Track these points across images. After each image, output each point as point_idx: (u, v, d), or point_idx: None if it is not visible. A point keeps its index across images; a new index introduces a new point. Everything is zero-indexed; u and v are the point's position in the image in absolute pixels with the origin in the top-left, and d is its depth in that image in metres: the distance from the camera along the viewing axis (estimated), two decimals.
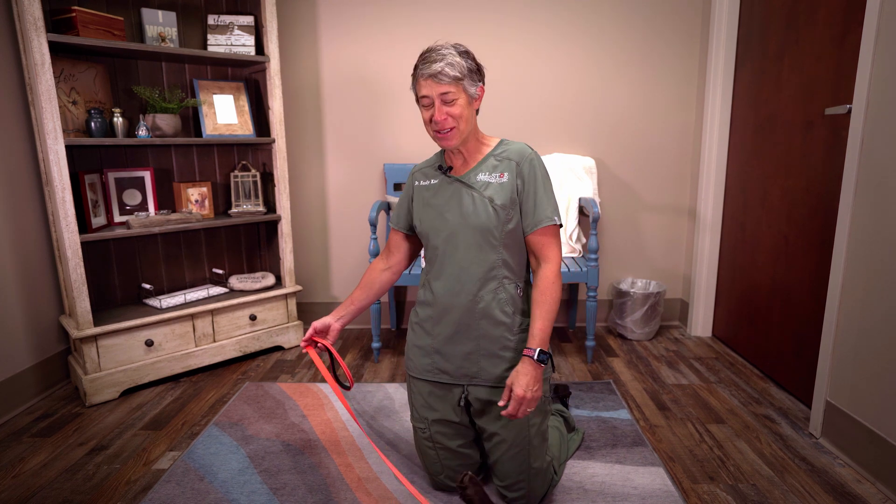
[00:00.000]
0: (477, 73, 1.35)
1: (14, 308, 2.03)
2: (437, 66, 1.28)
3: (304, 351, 1.50)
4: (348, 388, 1.57)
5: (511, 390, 1.28)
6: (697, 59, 2.67)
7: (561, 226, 1.41)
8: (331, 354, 1.53)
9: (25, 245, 2.09)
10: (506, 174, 1.38)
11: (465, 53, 1.33)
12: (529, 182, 1.37)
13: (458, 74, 1.29)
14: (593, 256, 2.28)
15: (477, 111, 1.41)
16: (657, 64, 2.68)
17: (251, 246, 2.75)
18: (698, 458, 1.67)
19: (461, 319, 1.39)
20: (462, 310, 1.39)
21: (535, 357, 1.29)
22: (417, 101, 1.37)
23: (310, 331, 1.49)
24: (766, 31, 2.22)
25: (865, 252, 1.58)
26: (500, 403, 1.30)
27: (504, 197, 1.36)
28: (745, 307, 2.41)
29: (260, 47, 2.43)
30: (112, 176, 2.24)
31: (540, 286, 1.35)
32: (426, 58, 1.31)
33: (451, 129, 1.33)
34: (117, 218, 2.27)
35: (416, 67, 1.34)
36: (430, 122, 1.34)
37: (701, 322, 2.72)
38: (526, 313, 1.42)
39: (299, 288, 2.59)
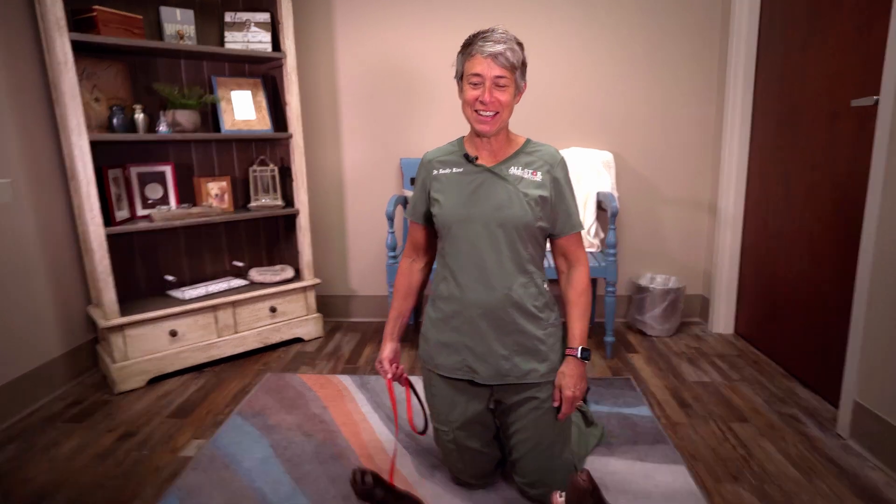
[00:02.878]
0: (525, 68, 1.33)
1: (44, 298, 2.08)
2: (499, 47, 1.24)
3: (387, 383, 1.53)
4: (422, 433, 1.59)
5: (561, 392, 1.36)
6: (717, 50, 2.62)
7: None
8: (413, 392, 1.55)
9: (53, 238, 2.13)
10: (539, 174, 1.35)
11: (521, 45, 1.30)
12: (563, 188, 1.37)
13: (515, 62, 1.27)
14: (612, 251, 2.26)
15: None
16: (676, 56, 2.63)
17: (270, 239, 2.77)
18: (721, 457, 1.66)
19: (495, 314, 1.35)
20: (495, 304, 1.34)
21: (579, 355, 1.36)
22: (460, 79, 1.33)
23: (385, 367, 1.50)
24: (789, 21, 2.17)
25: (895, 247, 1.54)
26: (555, 405, 1.38)
27: (537, 195, 1.33)
28: (768, 304, 2.37)
29: (276, 43, 2.44)
30: (134, 171, 2.28)
31: (577, 288, 1.39)
32: (486, 36, 1.26)
33: (495, 113, 1.29)
34: (140, 211, 2.30)
35: (469, 44, 1.29)
36: (473, 103, 1.29)
37: (723, 319, 2.69)
38: (551, 308, 1.41)
39: (318, 281, 2.62)
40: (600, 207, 2.70)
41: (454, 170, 1.39)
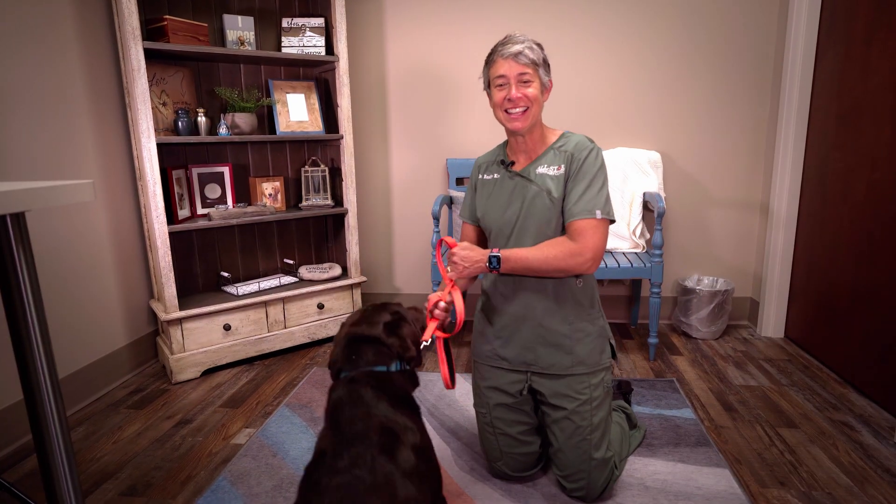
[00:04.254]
0: (548, 67, 1.40)
1: (112, 292, 2.23)
2: (518, 47, 1.33)
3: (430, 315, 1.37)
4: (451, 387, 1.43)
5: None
6: (773, 48, 2.55)
7: (612, 221, 1.36)
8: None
9: (121, 235, 2.29)
10: (562, 166, 1.39)
11: (540, 46, 1.38)
12: (579, 172, 1.36)
13: (535, 59, 1.34)
14: (658, 252, 2.23)
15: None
16: (728, 55, 2.57)
17: (319, 238, 2.87)
18: (767, 462, 1.62)
19: (519, 309, 1.44)
20: (520, 300, 1.43)
21: (488, 255, 1.34)
22: (488, 86, 1.41)
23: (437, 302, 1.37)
24: (853, 15, 2.09)
25: None
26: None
27: (559, 189, 1.38)
28: (822, 308, 2.29)
29: (330, 47, 2.53)
30: (195, 171, 2.41)
31: (552, 241, 1.35)
32: (505, 41, 1.36)
33: (525, 109, 1.36)
34: (200, 210, 2.43)
35: (491, 53, 1.38)
36: (502, 103, 1.37)
37: (772, 322, 2.60)
38: (582, 305, 1.43)
39: (364, 279, 2.69)
40: (647, 208, 2.67)
41: (494, 175, 1.50)
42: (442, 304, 1.35)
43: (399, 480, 0.91)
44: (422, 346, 1.23)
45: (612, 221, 1.38)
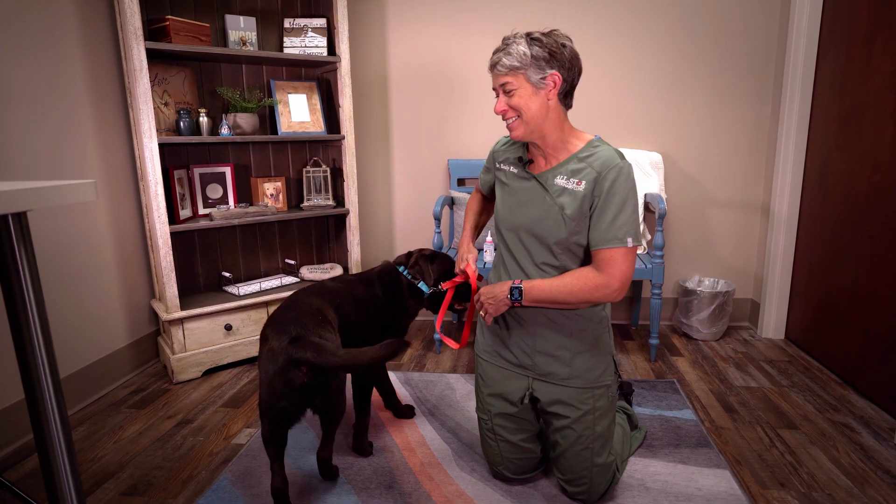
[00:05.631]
0: (548, 60, 1.24)
1: (113, 292, 2.24)
2: (495, 57, 1.27)
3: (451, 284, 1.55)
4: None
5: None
6: (775, 48, 2.55)
7: (640, 246, 1.34)
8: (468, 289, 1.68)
9: (123, 235, 2.29)
10: (584, 183, 1.29)
11: (536, 41, 1.24)
12: (607, 197, 1.27)
13: (515, 64, 1.24)
14: (659, 253, 2.23)
15: (569, 104, 1.33)
16: (729, 56, 2.57)
17: (321, 238, 2.88)
18: (768, 464, 1.62)
19: (518, 315, 1.42)
20: (520, 307, 1.40)
21: (510, 287, 1.36)
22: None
23: (471, 266, 1.51)
24: (854, 15, 2.09)
25: None
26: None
27: (574, 207, 1.30)
28: (822, 309, 2.29)
29: (331, 48, 2.54)
30: (197, 171, 2.41)
31: (576, 272, 1.31)
32: (495, 50, 1.31)
33: (517, 118, 1.30)
34: (201, 210, 2.44)
35: None
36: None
37: (773, 323, 2.60)
38: (590, 320, 1.40)
39: None
40: (648, 209, 2.67)
41: (512, 169, 1.44)
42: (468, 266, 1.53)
43: (364, 288, 1.68)
44: (433, 288, 1.72)
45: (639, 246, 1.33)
